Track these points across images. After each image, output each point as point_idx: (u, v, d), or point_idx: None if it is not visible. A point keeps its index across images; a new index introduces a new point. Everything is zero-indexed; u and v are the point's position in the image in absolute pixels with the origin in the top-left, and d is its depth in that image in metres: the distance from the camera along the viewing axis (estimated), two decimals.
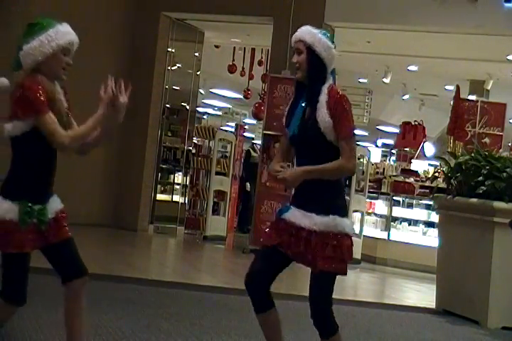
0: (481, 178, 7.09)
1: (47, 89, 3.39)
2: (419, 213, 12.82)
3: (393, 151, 18.48)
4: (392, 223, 12.50)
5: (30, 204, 3.36)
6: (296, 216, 3.67)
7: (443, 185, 8.27)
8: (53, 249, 3.51)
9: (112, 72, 4.16)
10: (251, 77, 16.13)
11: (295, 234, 3.65)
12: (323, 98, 3.66)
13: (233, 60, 15.63)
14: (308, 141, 3.67)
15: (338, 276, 3.59)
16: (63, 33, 3.45)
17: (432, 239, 11.13)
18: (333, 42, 3.79)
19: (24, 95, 3.35)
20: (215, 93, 20.58)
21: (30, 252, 3.47)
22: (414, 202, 13.03)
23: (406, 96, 17.87)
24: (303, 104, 3.74)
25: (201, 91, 16.53)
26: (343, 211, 3.74)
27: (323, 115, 3.63)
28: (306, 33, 3.75)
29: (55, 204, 3.54)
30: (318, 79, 3.71)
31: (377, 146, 23.38)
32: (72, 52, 3.51)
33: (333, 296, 3.57)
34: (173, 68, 12.68)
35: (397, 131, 18.03)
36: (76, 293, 3.54)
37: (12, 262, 3.42)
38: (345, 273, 3.64)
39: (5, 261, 3.42)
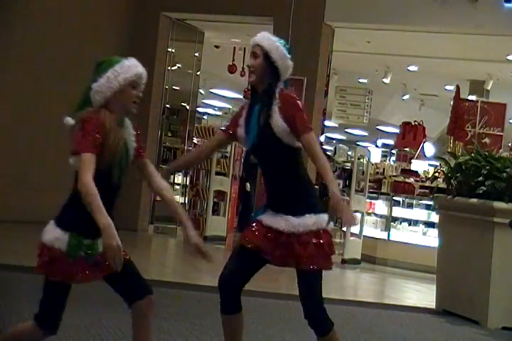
0: (481, 178, 7.09)
1: (106, 124, 3.34)
2: (419, 213, 12.83)
3: (393, 151, 18.48)
4: (392, 223, 12.50)
5: (80, 238, 3.33)
6: (273, 220, 3.71)
7: (443, 185, 8.27)
8: (113, 277, 3.49)
9: None
10: None
11: (274, 238, 3.68)
12: (275, 103, 3.69)
13: (233, 60, 15.62)
14: (267, 147, 3.71)
15: (336, 276, 3.61)
16: (129, 67, 3.43)
17: (432, 239, 11.13)
18: (289, 53, 3.84)
19: (79, 130, 3.35)
20: (215, 93, 20.58)
21: (71, 285, 3.45)
22: (414, 202, 13.05)
23: (406, 97, 17.87)
24: (256, 110, 3.76)
25: (201, 91, 16.53)
26: (318, 208, 3.78)
27: (276, 120, 3.66)
28: (265, 38, 3.83)
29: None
30: (271, 84, 3.74)
31: (377, 146, 23.37)
32: (141, 85, 3.47)
33: (334, 296, 3.59)
34: (173, 68, 12.68)
35: (397, 131, 18.05)
36: (142, 315, 3.54)
37: (53, 290, 3.42)
38: (330, 268, 3.72)
39: (46, 288, 3.42)
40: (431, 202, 10.87)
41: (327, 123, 13.53)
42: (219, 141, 4.02)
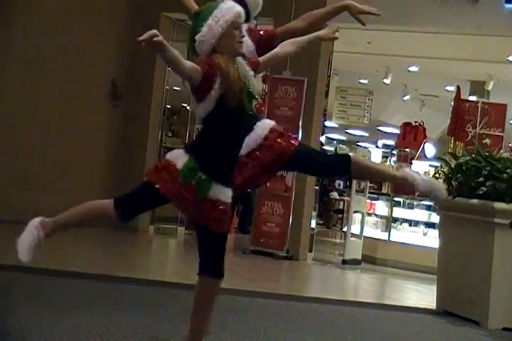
0: (481, 179, 7.09)
1: (220, 62, 3.40)
2: (419, 214, 12.84)
3: (394, 152, 18.46)
4: (392, 224, 12.51)
5: (197, 166, 3.41)
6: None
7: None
8: (206, 234, 3.55)
9: (113, 73, 4.19)
10: None
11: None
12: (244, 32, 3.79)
13: None
14: None
15: (336, 277, 3.66)
16: (227, 9, 3.46)
17: (432, 239, 11.14)
18: None
19: None
20: None
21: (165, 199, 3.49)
22: (415, 202, 13.06)
23: (406, 97, 17.86)
24: None
25: None
26: None
27: (246, 42, 3.77)
28: None
29: (220, 192, 3.51)
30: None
31: (377, 147, 23.35)
32: (241, 22, 3.53)
33: (334, 297, 3.59)
34: None
35: (397, 131, 18.02)
36: (208, 290, 3.64)
37: (146, 191, 3.50)
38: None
39: (143, 186, 3.53)
40: (431, 203, 10.88)
41: (327, 123, 13.51)
42: None
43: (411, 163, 15.72)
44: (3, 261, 6.88)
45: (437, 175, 9.14)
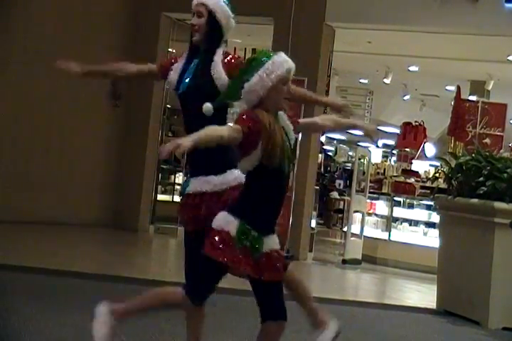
0: (481, 179, 7.10)
1: (265, 121, 3.36)
2: (419, 213, 12.83)
3: (394, 152, 18.49)
4: (392, 223, 12.50)
5: (248, 227, 3.40)
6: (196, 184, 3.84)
7: (444, 186, 8.27)
8: (263, 287, 3.50)
9: None
10: None
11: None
12: (218, 58, 3.82)
13: None
14: (200, 98, 3.73)
15: (336, 277, 3.64)
16: (280, 63, 3.43)
17: (432, 239, 11.13)
18: (233, 12, 3.94)
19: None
20: None
21: (228, 271, 3.51)
22: (415, 202, 13.05)
23: (407, 97, 17.86)
24: (195, 63, 3.88)
25: None
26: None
27: (219, 73, 3.78)
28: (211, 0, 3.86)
29: (271, 242, 3.51)
30: (214, 43, 3.86)
31: (377, 147, 23.35)
32: (290, 79, 3.49)
33: (334, 297, 3.60)
34: None
35: (397, 131, 18.04)
36: (269, 337, 3.53)
37: (211, 268, 3.47)
38: None
39: (205, 265, 3.47)
40: (431, 203, 10.87)
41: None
42: (142, 70, 4.12)
43: (411, 163, 15.75)
44: (3, 261, 6.90)
45: (438, 175, 9.16)
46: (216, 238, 3.39)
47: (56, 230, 10.35)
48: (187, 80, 3.84)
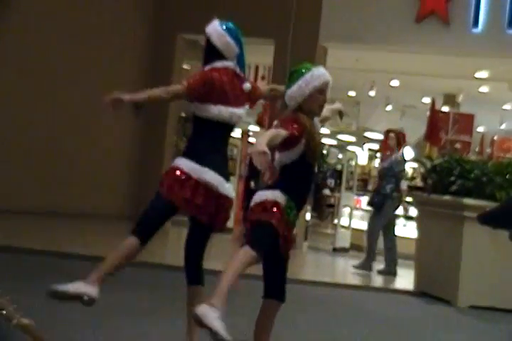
0: (452, 178, 7.13)
1: (305, 124, 3.42)
2: (400, 208, 12.81)
3: (377, 155, 18.48)
4: None
5: (293, 204, 3.44)
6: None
7: (420, 184, 8.30)
8: (279, 261, 3.54)
9: (131, 84, 4.21)
10: None
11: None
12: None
13: None
14: None
15: (327, 263, 3.65)
16: (318, 76, 3.51)
17: (411, 230, 11.15)
18: (240, 35, 3.91)
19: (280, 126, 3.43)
20: None
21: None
22: None
23: (389, 108, 17.85)
24: None
25: None
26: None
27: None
28: (211, 26, 3.85)
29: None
30: (206, 62, 3.84)
31: (363, 150, 23.35)
32: (327, 90, 3.56)
33: (326, 280, 3.61)
34: None
35: (381, 137, 18.03)
36: (266, 313, 3.55)
37: (269, 236, 3.40)
38: None
39: (264, 234, 3.40)
40: (410, 199, 10.89)
41: (321, 130, 13.52)
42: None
43: None
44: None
45: (415, 175, 9.18)
46: (274, 208, 3.39)
47: (90, 221, 10.44)
48: None
